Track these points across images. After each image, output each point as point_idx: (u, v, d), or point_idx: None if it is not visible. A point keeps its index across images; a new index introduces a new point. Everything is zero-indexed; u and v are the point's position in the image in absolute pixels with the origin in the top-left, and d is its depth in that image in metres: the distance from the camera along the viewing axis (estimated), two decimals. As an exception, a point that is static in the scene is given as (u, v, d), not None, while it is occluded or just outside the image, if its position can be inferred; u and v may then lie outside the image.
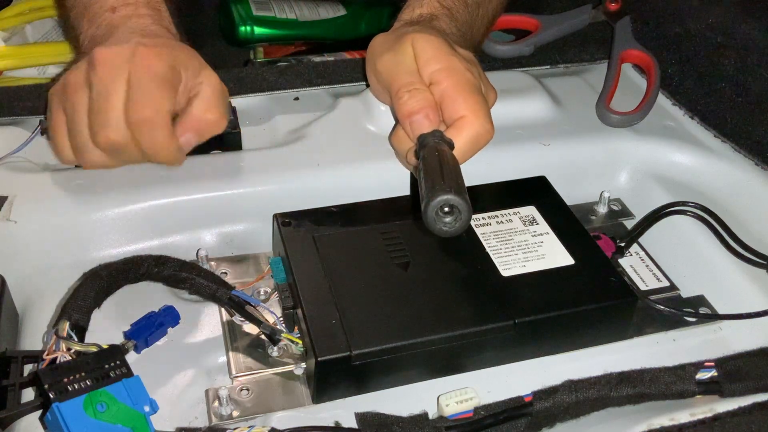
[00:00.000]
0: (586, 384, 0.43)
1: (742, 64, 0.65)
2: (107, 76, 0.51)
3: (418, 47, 0.55)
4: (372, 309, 0.47)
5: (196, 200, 0.56)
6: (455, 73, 0.54)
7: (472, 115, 0.53)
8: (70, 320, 0.44)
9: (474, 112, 0.53)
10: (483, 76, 0.58)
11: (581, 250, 0.52)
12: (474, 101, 0.53)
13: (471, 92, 0.54)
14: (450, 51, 0.55)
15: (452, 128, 0.53)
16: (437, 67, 0.54)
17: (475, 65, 0.57)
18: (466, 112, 0.53)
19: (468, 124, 0.53)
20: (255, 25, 0.97)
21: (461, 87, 0.54)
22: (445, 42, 0.56)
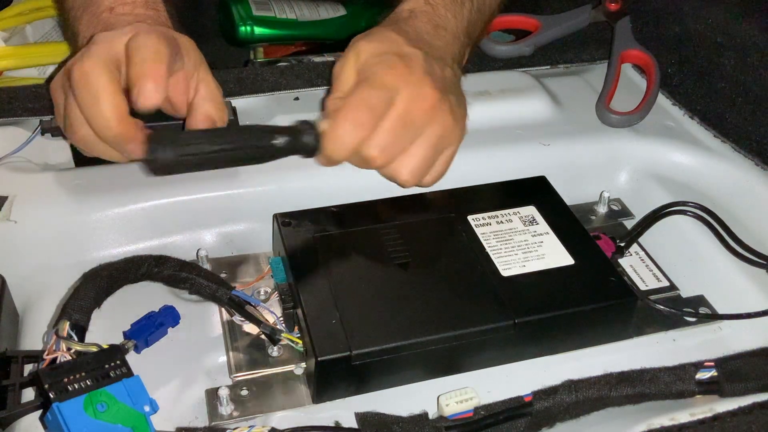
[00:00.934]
0: (586, 384, 0.43)
1: (742, 64, 0.65)
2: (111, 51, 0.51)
3: (359, 55, 0.55)
4: (372, 309, 0.47)
5: (196, 200, 0.56)
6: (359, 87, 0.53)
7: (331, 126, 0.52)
8: (70, 320, 0.44)
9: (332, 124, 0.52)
10: (448, 81, 0.56)
11: (581, 250, 0.52)
12: (344, 109, 0.52)
13: (357, 94, 0.52)
14: (382, 56, 0.54)
15: None
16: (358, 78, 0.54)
17: (412, 59, 0.55)
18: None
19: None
20: (255, 25, 0.97)
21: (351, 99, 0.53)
22: (386, 46, 0.55)
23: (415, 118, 0.53)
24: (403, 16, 0.61)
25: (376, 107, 0.52)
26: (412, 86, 0.53)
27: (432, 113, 0.54)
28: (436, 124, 0.54)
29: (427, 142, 0.54)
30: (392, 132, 0.52)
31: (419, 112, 0.53)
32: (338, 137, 0.51)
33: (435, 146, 0.54)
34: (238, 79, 0.68)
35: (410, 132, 0.53)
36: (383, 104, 0.52)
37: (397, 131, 0.52)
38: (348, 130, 0.51)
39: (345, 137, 0.51)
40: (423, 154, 0.54)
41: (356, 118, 0.51)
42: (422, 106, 0.53)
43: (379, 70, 0.53)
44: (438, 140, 0.54)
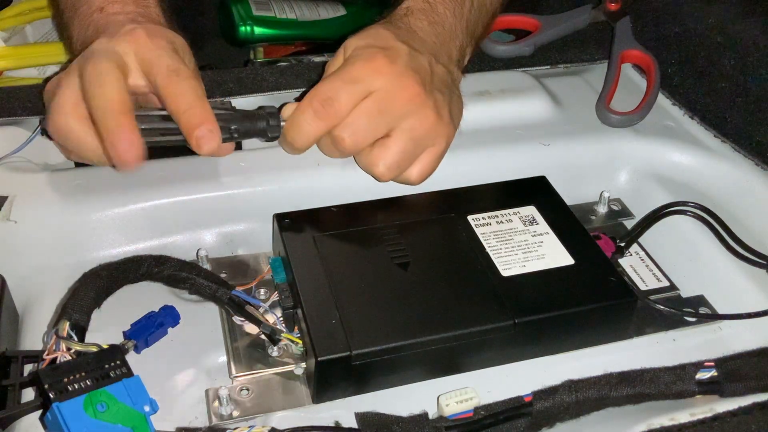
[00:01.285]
0: (586, 384, 0.43)
1: (742, 64, 0.65)
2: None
3: (346, 51, 0.56)
4: (372, 309, 0.47)
5: (196, 200, 0.56)
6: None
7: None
8: (70, 320, 0.44)
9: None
10: (437, 78, 0.56)
11: (581, 250, 0.52)
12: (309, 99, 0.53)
13: (321, 84, 0.53)
14: (364, 49, 0.55)
15: None
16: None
17: (396, 54, 0.55)
18: None
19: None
20: (255, 25, 0.97)
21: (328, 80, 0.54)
22: (371, 41, 0.55)
23: (391, 107, 0.53)
24: (400, 14, 0.61)
25: (338, 97, 0.52)
26: (391, 78, 0.53)
27: (411, 106, 0.53)
28: (415, 117, 0.54)
29: (404, 135, 0.54)
30: (363, 116, 0.53)
31: (397, 103, 0.53)
32: (298, 124, 0.53)
33: (414, 140, 0.54)
34: (238, 79, 0.68)
35: (384, 120, 0.53)
36: (348, 94, 0.52)
37: (370, 117, 0.53)
38: (307, 119, 0.52)
39: (304, 125, 0.53)
40: (400, 147, 0.54)
41: (316, 107, 0.52)
42: (401, 97, 0.53)
43: (355, 62, 0.54)
44: (417, 134, 0.54)
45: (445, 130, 0.56)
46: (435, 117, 0.54)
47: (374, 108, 0.53)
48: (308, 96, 0.53)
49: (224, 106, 0.55)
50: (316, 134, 0.53)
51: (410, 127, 0.54)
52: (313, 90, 0.53)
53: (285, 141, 0.55)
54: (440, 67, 0.58)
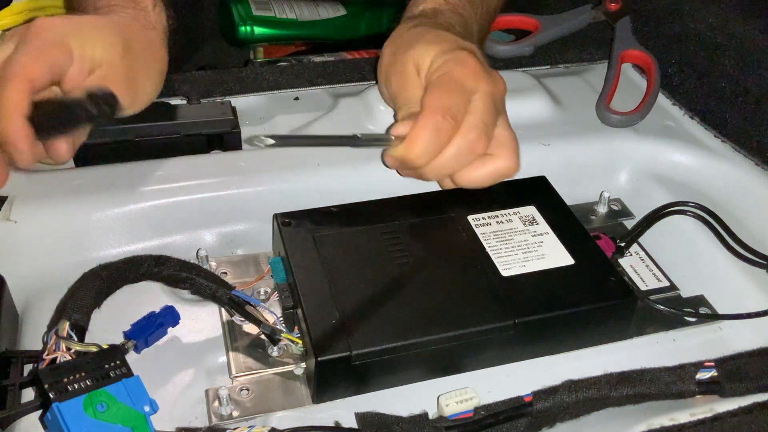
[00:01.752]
0: (586, 384, 0.43)
1: (742, 64, 0.65)
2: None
3: (420, 63, 0.55)
4: (372, 309, 0.47)
5: (196, 200, 0.56)
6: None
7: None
8: (70, 320, 0.44)
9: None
10: (484, 63, 0.56)
11: (581, 250, 0.52)
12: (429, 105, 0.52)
13: (433, 98, 0.52)
14: (448, 54, 0.54)
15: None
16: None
17: (476, 54, 0.55)
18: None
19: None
20: (255, 25, 0.97)
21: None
22: (446, 45, 0.55)
23: (497, 103, 0.54)
24: (428, 13, 0.61)
25: (458, 110, 0.51)
26: (488, 76, 0.53)
27: (503, 100, 0.55)
28: (505, 111, 0.55)
29: (509, 130, 0.55)
30: (487, 114, 0.52)
31: (499, 99, 0.54)
32: (423, 142, 0.51)
33: (512, 133, 0.56)
34: (238, 79, 0.68)
35: (496, 116, 0.54)
36: (463, 104, 0.52)
37: (490, 113, 0.53)
38: (432, 135, 0.51)
39: (430, 143, 0.51)
40: (515, 142, 0.55)
41: (440, 123, 0.51)
42: (499, 92, 0.54)
43: (453, 69, 0.53)
44: (510, 127, 0.55)
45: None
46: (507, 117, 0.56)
47: (489, 105, 0.53)
48: (428, 112, 0.51)
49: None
50: (441, 148, 0.52)
51: (507, 122, 0.55)
52: (430, 104, 0.51)
53: (406, 160, 0.52)
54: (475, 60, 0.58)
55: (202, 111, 0.62)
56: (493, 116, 0.53)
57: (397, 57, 0.57)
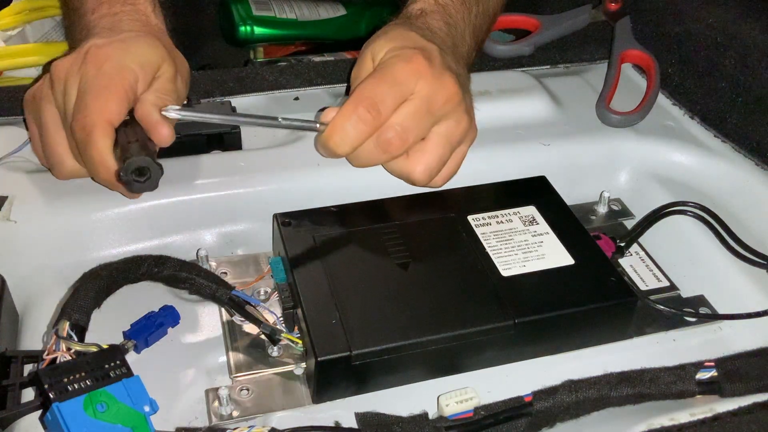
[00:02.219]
0: (586, 384, 0.43)
1: (742, 64, 0.65)
2: (61, 88, 0.51)
3: (375, 56, 0.55)
4: (372, 309, 0.47)
5: (196, 200, 0.56)
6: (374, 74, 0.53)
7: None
8: (70, 320, 0.44)
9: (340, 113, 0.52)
10: (440, 65, 0.55)
11: (581, 250, 0.52)
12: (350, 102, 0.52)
13: (363, 87, 0.52)
14: (399, 50, 0.54)
15: None
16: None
17: (431, 55, 0.54)
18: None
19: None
20: (255, 25, 0.97)
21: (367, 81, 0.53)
22: (402, 42, 0.55)
23: (433, 108, 0.52)
24: (414, 14, 0.61)
25: (384, 102, 0.51)
26: (432, 78, 0.53)
27: (450, 106, 0.53)
28: (452, 119, 0.54)
29: (443, 138, 0.54)
30: (410, 117, 0.52)
31: (439, 104, 0.53)
32: (343, 129, 0.51)
33: (450, 143, 0.54)
34: (238, 79, 0.68)
35: (428, 121, 0.53)
36: (392, 98, 0.51)
37: (416, 118, 0.52)
38: (353, 123, 0.51)
39: (350, 130, 0.51)
40: (439, 151, 0.54)
41: (361, 112, 0.51)
42: (442, 97, 0.53)
43: (395, 63, 0.53)
44: (453, 138, 0.54)
45: (473, 133, 0.57)
46: (468, 119, 0.55)
47: (420, 108, 0.52)
48: (352, 100, 0.51)
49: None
50: (361, 139, 0.52)
51: (447, 130, 0.54)
52: (356, 94, 0.52)
53: (327, 147, 0.53)
54: (462, 68, 0.58)
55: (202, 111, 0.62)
56: (421, 121, 0.52)
57: (362, 49, 0.57)
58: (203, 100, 0.65)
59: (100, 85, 0.50)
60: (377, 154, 0.53)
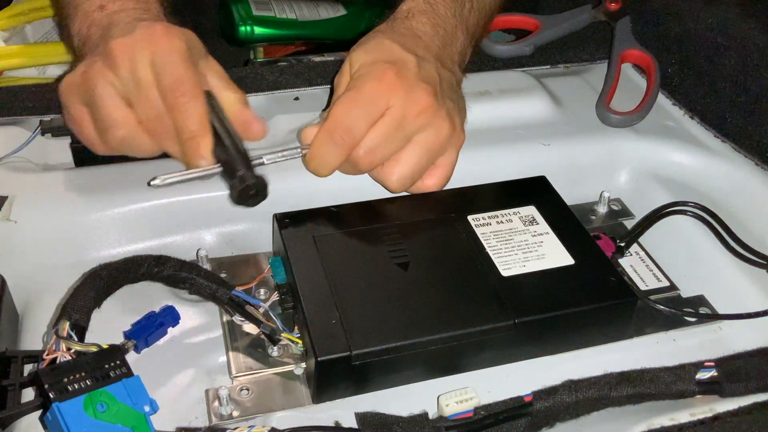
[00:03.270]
0: (586, 384, 0.43)
1: (742, 64, 0.65)
2: (128, 65, 0.51)
3: (352, 65, 0.56)
4: (372, 309, 0.47)
5: (196, 200, 0.56)
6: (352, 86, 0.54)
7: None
8: (70, 320, 0.44)
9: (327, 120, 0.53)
10: (410, 77, 0.55)
11: (581, 250, 0.52)
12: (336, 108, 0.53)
13: (337, 110, 0.53)
14: (371, 65, 0.54)
15: None
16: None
17: (403, 68, 0.55)
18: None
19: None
20: (255, 25, 0.97)
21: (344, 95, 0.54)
22: (377, 55, 0.55)
23: (405, 123, 0.53)
24: (401, 16, 0.61)
25: (356, 125, 0.52)
26: (403, 93, 0.53)
27: (425, 119, 0.54)
28: (429, 130, 0.54)
29: (419, 148, 0.54)
30: (380, 136, 0.53)
31: (411, 118, 0.53)
32: (320, 155, 0.53)
33: (428, 152, 0.55)
34: (238, 79, 0.68)
35: (400, 136, 0.54)
36: (364, 120, 0.52)
37: (387, 136, 0.53)
38: (330, 150, 0.53)
39: (327, 156, 0.53)
40: (414, 161, 0.54)
41: (336, 139, 0.52)
42: (414, 112, 0.53)
43: (366, 82, 0.53)
44: (432, 146, 0.55)
45: (457, 139, 0.56)
46: (448, 127, 0.55)
47: (390, 126, 0.53)
48: (327, 126, 0.53)
49: None
50: (338, 162, 0.53)
51: (424, 140, 0.54)
52: (330, 118, 0.53)
53: (309, 169, 0.55)
54: (446, 72, 0.58)
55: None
56: (390, 139, 0.53)
57: (347, 56, 0.58)
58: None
59: (182, 58, 0.51)
60: (349, 169, 0.55)
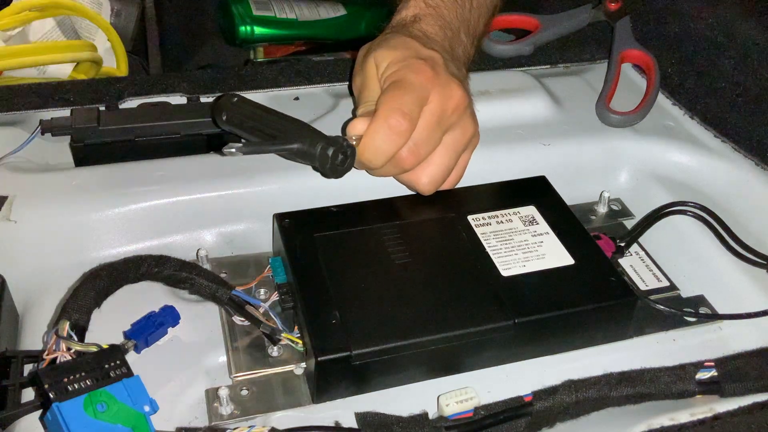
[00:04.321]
0: (586, 384, 0.43)
1: (742, 64, 0.65)
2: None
3: (379, 65, 0.55)
4: (372, 309, 0.47)
5: (196, 200, 0.56)
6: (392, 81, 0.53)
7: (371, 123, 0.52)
8: (70, 320, 0.44)
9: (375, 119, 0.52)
10: (443, 72, 0.55)
11: (581, 250, 0.52)
12: (383, 107, 0.52)
13: (387, 99, 0.52)
14: (405, 66, 0.54)
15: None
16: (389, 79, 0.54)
17: (435, 63, 0.55)
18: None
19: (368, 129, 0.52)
20: (255, 25, 0.97)
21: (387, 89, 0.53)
22: (406, 52, 0.55)
23: (444, 118, 0.53)
24: (409, 20, 0.61)
25: (411, 111, 0.51)
26: (440, 88, 0.53)
27: (457, 115, 0.54)
28: (459, 128, 0.54)
29: (449, 148, 0.54)
30: (426, 130, 0.52)
31: (448, 113, 0.53)
32: (375, 144, 0.51)
33: (456, 152, 0.55)
34: (238, 78, 0.69)
35: (440, 131, 0.53)
36: (417, 107, 0.52)
37: (429, 129, 0.52)
38: (385, 136, 0.51)
39: (383, 144, 0.51)
40: (445, 162, 0.54)
41: (393, 124, 0.51)
42: (451, 106, 0.53)
43: (407, 74, 0.53)
44: (458, 146, 0.55)
45: (476, 138, 0.57)
46: (474, 125, 0.55)
47: (432, 121, 0.52)
48: (381, 113, 0.51)
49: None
50: (394, 150, 0.52)
51: (453, 139, 0.54)
52: (383, 106, 0.51)
53: (360, 161, 0.53)
54: (463, 71, 0.58)
55: (203, 111, 0.62)
56: (432, 134, 0.53)
57: (364, 58, 0.57)
58: (203, 98, 0.65)
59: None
60: (390, 169, 0.54)
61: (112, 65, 0.92)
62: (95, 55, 0.87)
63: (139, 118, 0.60)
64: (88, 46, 0.86)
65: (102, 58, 0.89)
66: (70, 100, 0.65)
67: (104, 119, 0.59)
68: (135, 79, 0.68)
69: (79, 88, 0.66)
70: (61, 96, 0.65)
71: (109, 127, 0.59)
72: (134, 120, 0.60)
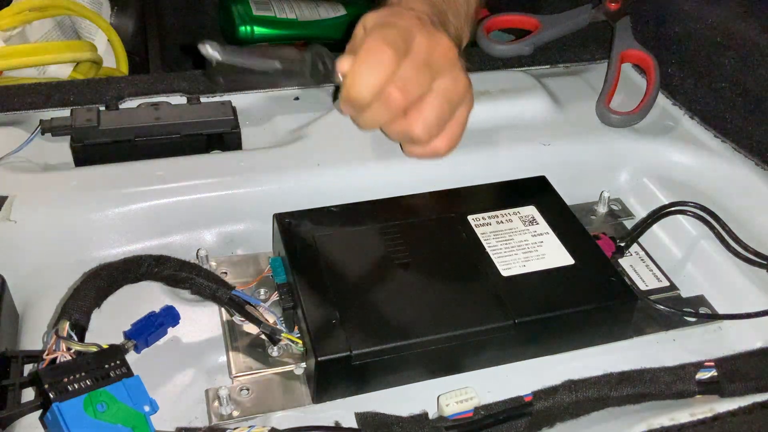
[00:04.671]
0: (586, 384, 0.43)
1: (742, 64, 0.65)
2: None
3: (366, 23, 0.55)
4: (372, 309, 0.47)
5: (196, 200, 0.56)
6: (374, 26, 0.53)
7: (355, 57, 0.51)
8: (70, 320, 0.44)
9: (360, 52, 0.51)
10: (428, 25, 0.55)
11: (581, 250, 0.52)
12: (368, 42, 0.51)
13: (372, 36, 0.51)
14: (389, 15, 0.54)
15: None
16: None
17: (421, 18, 0.54)
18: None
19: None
20: (255, 25, 0.97)
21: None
22: (392, 8, 0.55)
23: (432, 59, 0.52)
24: (395, 1, 0.61)
25: (396, 43, 0.50)
26: (426, 33, 0.52)
27: (447, 62, 0.53)
28: (449, 76, 0.53)
29: (440, 95, 0.53)
30: (413, 68, 0.51)
31: (436, 56, 0.52)
32: (362, 76, 0.50)
33: (449, 100, 0.54)
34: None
35: (428, 73, 0.52)
36: (401, 41, 0.51)
37: (417, 68, 0.51)
38: (371, 67, 0.50)
39: (369, 75, 0.50)
40: (437, 107, 0.53)
41: (377, 53, 0.50)
42: (438, 51, 0.53)
43: (392, 18, 0.53)
44: (452, 96, 0.54)
45: (470, 100, 0.56)
46: (466, 80, 0.55)
47: (419, 58, 0.51)
48: (366, 46, 0.50)
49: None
50: (379, 83, 0.50)
51: (444, 86, 0.53)
52: (367, 41, 0.51)
53: (347, 97, 0.52)
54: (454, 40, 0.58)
55: (202, 111, 0.62)
56: (420, 73, 0.52)
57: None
58: (203, 99, 0.65)
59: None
60: (381, 111, 0.52)
61: (112, 65, 0.93)
62: (95, 55, 0.87)
63: (139, 118, 0.60)
64: (88, 46, 0.86)
65: (102, 58, 0.89)
66: (70, 100, 0.65)
67: (104, 119, 0.59)
68: (135, 79, 0.68)
69: (79, 88, 0.66)
70: (61, 96, 0.65)
71: (109, 127, 0.59)
72: (134, 120, 0.60)
